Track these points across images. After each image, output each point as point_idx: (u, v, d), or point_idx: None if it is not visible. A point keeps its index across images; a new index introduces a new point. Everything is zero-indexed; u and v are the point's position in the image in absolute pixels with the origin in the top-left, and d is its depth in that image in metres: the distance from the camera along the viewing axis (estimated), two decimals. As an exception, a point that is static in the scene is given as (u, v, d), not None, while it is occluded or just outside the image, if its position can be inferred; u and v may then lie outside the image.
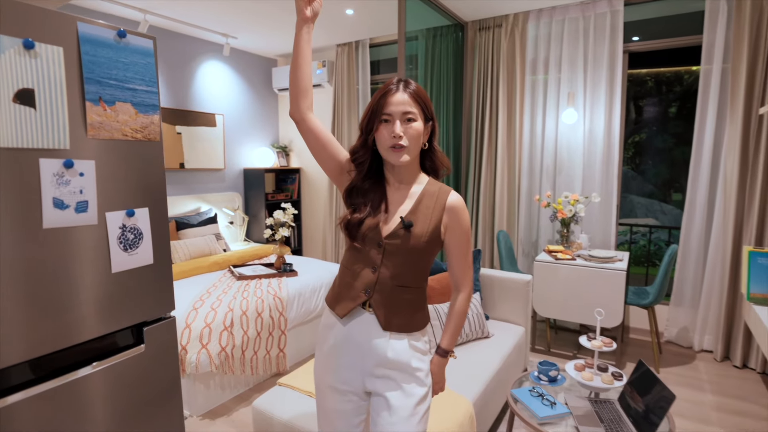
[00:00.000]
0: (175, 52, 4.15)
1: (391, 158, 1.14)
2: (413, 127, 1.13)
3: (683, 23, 3.40)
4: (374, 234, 1.17)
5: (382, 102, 1.14)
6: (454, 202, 1.20)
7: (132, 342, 0.99)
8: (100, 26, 0.86)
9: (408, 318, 1.18)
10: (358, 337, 1.18)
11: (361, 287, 1.17)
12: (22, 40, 0.74)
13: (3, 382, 0.81)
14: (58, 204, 0.82)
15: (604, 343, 1.91)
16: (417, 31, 3.89)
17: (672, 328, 3.40)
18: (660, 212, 5.51)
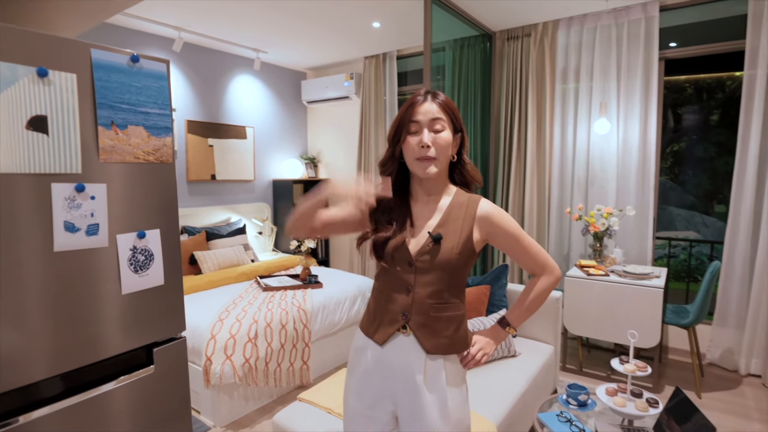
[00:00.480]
0: (208, 67, 4.28)
1: (418, 170, 1.12)
2: (441, 136, 1.10)
3: (723, 28, 3.24)
4: (403, 253, 1.13)
5: (410, 112, 1.12)
6: (486, 211, 1.16)
7: (142, 362, 1.00)
8: (114, 52, 0.88)
9: (450, 337, 1.13)
10: (394, 361, 1.14)
11: (398, 311, 1.13)
12: (36, 69, 0.77)
13: (16, 400, 0.83)
14: (69, 227, 0.84)
15: (637, 367, 1.81)
16: (444, 42, 3.87)
17: (715, 349, 3.20)
18: (702, 225, 5.23)
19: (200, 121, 4.21)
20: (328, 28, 3.77)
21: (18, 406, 0.84)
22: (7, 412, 0.83)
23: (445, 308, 1.13)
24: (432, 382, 1.11)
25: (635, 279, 2.84)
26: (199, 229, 3.91)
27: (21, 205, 0.82)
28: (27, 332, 0.86)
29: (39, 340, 0.87)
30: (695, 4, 3.21)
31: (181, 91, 4.07)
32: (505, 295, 2.64)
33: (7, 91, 0.73)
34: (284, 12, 3.37)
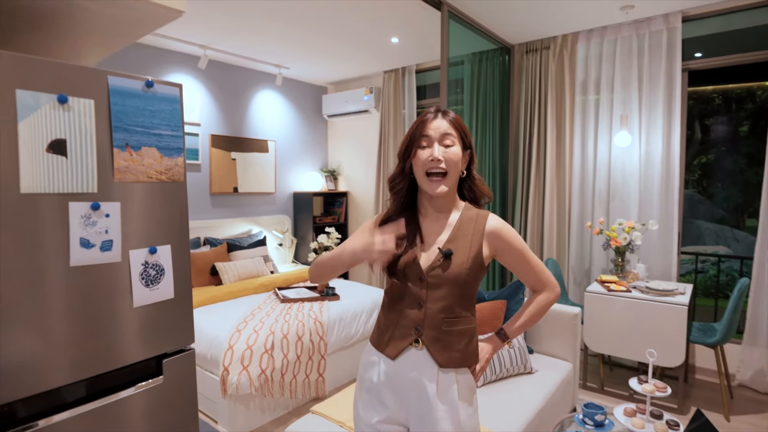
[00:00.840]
0: (232, 83, 4.41)
1: (428, 188, 1.13)
2: (452, 151, 1.13)
3: (750, 37, 3.16)
4: (414, 269, 1.15)
5: (421, 128, 1.15)
6: (494, 227, 1.18)
7: (152, 373, 1.04)
8: (129, 78, 0.94)
9: (462, 351, 1.15)
10: (406, 375, 1.15)
11: (410, 325, 1.15)
12: (57, 96, 0.82)
13: (34, 406, 0.88)
14: (84, 243, 0.89)
15: (657, 388, 1.75)
16: (463, 55, 3.89)
17: (745, 370, 3.06)
18: (732, 239, 5.04)
19: (224, 135, 4.33)
20: (348, 44, 3.85)
21: (36, 412, 0.89)
22: (25, 417, 0.88)
23: (456, 322, 1.15)
24: (444, 394, 1.12)
25: (658, 295, 2.76)
26: (220, 241, 4.00)
27: (42, 223, 0.88)
28: (46, 341, 0.91)
29: (56, 348, 0.92)
30: (719, 14, 3.15)
31: (205, 106, 4.20)
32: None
33: (30, 117, 0.79)
34: (305, 29, 3.46)
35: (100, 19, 1.05)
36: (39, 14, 1.01)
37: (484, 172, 3.83)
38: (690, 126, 4.59)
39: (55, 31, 1.12)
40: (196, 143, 4.11)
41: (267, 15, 3.17)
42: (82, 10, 1.01)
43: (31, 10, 1.00)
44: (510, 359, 2.26)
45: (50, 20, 1.05)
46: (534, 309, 1.22)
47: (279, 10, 3.08)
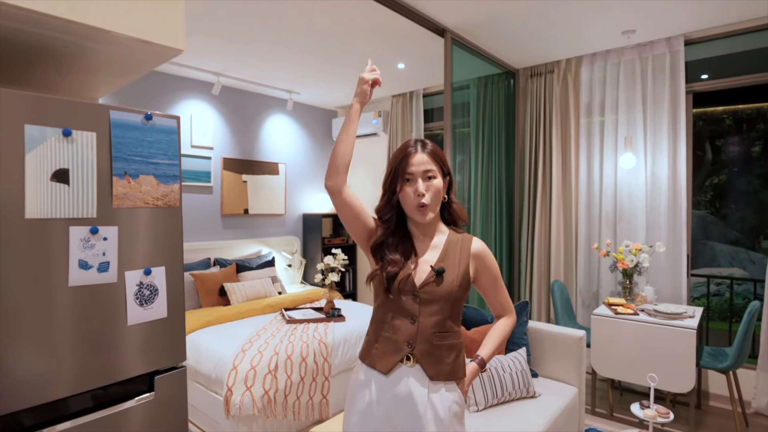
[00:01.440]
0: (244, 108, 4.55)
1: (417, 217, 1.23)
2: (434, 184, 1.22)
3: (756, 59, 3.18)
4: (408, 285, 1.21)
5: (403, 163, 1.23)
6: (478, 249, 1.28)
7: (144, 389, 1.09)
8: (130, 112, 1.01)
9: (451, 364, 1.21)
10: (398, 389, 1.19)
11: (402, 340, 1.20)
12: (62, 130, 0.90)
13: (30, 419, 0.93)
14: (82, 265, 0.95)
15: (659, 413, 1.73)
16: (468, 79, 3.97)
17: (762, 397, 2.97)
18: (748, 261, 4.94)
19: (235, 158, 4.45)
20: (356, 69, 3.96)
21: (36, 423, 0.95)
22: (28, 427, 0.94)
23: (447, 337, 1.22)
24: (434, 407, 1.17)
25: (666, 319, 2.72)
26: (230, 262, 4.06)
27: (44, 246, 0.95)
28: (47, 356, 0.97)
29: (56, 363, 0.98)
30: (722, 37, 3.18)
31: (218, 130, 4.34)
32: (525, 332, 2.59)
33: (36, 149, 0.87)
34: (315, 55, 3.58)
35: (107, 57, 1.14)
36: (52, 52, 1.10)
37: (491, 194, 3.85)
38: (701, 147, 4.57)
39: (67, 66, 1.21)
40: (209, 166, 4.23)
41: (278, 43, 3.30)
42: (90, 50, 1.10)
43: (45, 48, 1.09)
44: (512, 383, 2.24)
45: (62, 58, 1.14)
46: (502, 334, 1.31)
47: (289, 37, 3.21)
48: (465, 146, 4.05)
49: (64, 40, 1.04)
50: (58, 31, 0.99)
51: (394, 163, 1.25)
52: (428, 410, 1.16)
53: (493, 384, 2.20)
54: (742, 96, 4.23)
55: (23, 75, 1.24)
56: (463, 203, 4.05)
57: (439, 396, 1.18)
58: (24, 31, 0.99)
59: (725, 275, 4.71)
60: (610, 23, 3.01)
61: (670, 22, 3.01)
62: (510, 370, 2.27)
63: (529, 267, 3.91)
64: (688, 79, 3.30)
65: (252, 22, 2.94)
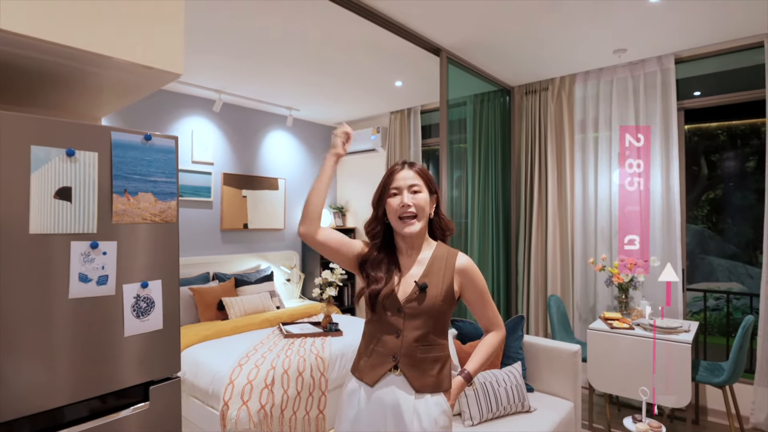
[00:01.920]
0: (244, 125, 4.63)
1: (401, 229, 1.27)
2: (419, 196, 1.28)
3: (747, 77, 3.25)
4: (392, 301, 1.25)
5: (390, 179, 1.30)
6: (463, 264, 1.31)
7: (140, 399, 1.12)
8: (130, 133, 1.06)
9: (436, 377, 1.24)
10: (385, 399, 1.22)
11: (388, 353, 1.24)
12: (66, 150, 0.95)
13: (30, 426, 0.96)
14: (82, 278, 0.99)
15: (651, 427, 1.74)
16: (465, 96, 4.05)
17: (759, 412, 2.97)
18: (746, 276, 4.95)
19: (236, 173, 4.51)
20: (356, 86, 4.04)
21: (37, 429, 0.99)
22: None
23: (430, 350, 1.25)
24: (419, 417, 1.20)
25: (661, 333, 2.73)
26: (229, 276, 4.09)
27: (46, 259, 1.00)
28: (47, 365, 1.02)
29: (55, 372, 1.03)
30: (711, 55, 3.25)
31: (219, 146, 4.41)
32: (521, 347, 2.60)
33: (41, 169, 0.92)
34: (314, 73, 3.66)
35: (108, 80, 1.20)
36: (56, 76, 1.16)
37: (488, 209, 3.90)
38: (696, 162, 4.63)
39: (70, 89, 1.27)
40: (209, 181, 4.29)
41: (278, 61, 3.38)
42: (93, 74, 1.16)
43: (49, 72, 1.15)
44: (507, 397, 2.25)
45: (66, 81, 1.20)
46: (489, 349, 1.33)
47: (289, 56, 3.29)
48: (462, 162, 4.10)
49: (67, 65, 1.10)
50: (61, 57, 1.05)
51: (382, 180, 1.32)
52: (414, 421, 1.19)
53: (488, 398, 2.21)
54: (736, 112, 4.30)
55: (29, 96, 1.30)
56: (461, 218, 4.09)
57: (425, 406, 1.21)
58: (29, 57, 1.05)
59: (723, 290, 4.72)
60: (602, 42, 3.09)
61: (659, 41, 3.09)
62: (505, 384, 2.28)
63: (526, 281, 3.93)
64: (679, 96, 3.37)
65: (253, 41, 3.03)
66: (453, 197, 4.06)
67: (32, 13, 0.95)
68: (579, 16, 2.69)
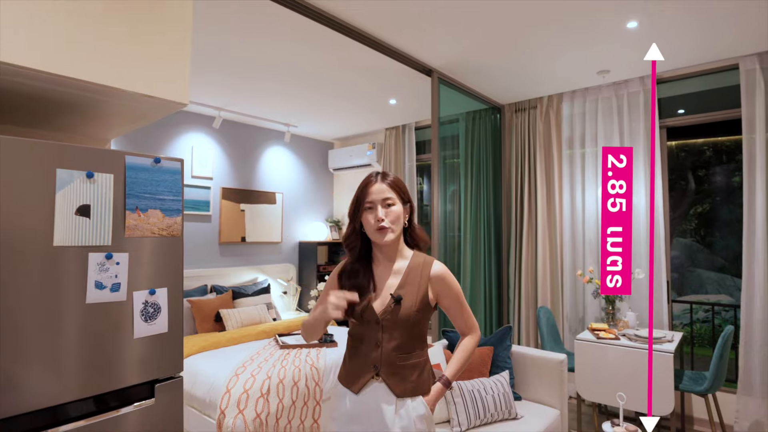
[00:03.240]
0: (243, 141, 4.76)
1: (378, 239, 1.33)
2: (393, 210, 1.33)
3: (722, 96, 3.40)
4: (370, 314, 1.32)
5: (364, 192, 1.35)
6: (438, 272, 1.37)
7: (146, 396, 1.24)
8: (142, 156, 1.19)
9: (416, 382, 1.32)
10: (369, 405, 1.31)
11: (369, 363, 1.32)
12: (86, 173, 1.07)
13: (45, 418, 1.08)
14: (98, 285, 1.10)
15: (628, 431, 1.83)
16: (457, 114, 4.19)
17: (743, 420, 3.05)
18: (734, 288, 5.05)
19: (234, 188, 4.62)
20: (352, 104, 4.18)
21: (48, 422, 1.10)
22: (39, 426, 1.08)
23: (408, 357, 1.32)
24: (401, 419, 1.28)
25: (646, 343, 2.82)
26: (226, 288, 4.18)
27: (67, 268, 1.12)
28: (64, 363, 1.13)
29: (71, 369, 1.14)
30: (691, 76, 3.41)
31: (218, 161, 4.53)
32: (509, 356, 2.69)
33: (65, 189, 1.04)
34: (312, 91, 3.80)
35: (118, 108, 1.33)
36: (72, 104, 1.29)
37: (480, 223, 4.01)
38: (684, 177, 4.76)
39: (84, 115, 1.40)
40: (208, 195, 4.40)
41: (277, 79, 3.52)
42: (103, 102, 1.29)
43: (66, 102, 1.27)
44: (494, 404, 2.33)
45: (81, 108, 1.32)
46: (466, 353, 1.40)
47: (288, 75, 3.43)
48: (456, 176, 4.23)
49: (80, 95, 1.22)
50: (74, 88, 1.18)
51: (357, 193, 1.37)
52: (396, 423, 1.28)
53: (476, 405, 2.29)
54: (721, 129, 4.46)
55: (45, 120, 1.42)
56: (454, 231, 4.20)
57: (405, 410, 1.29)
58: (45, 88, 1.17)
59: (710, 302, 4.82)
60: (585, 64, 3.24)
61: (640, 63, 3.24)
62: (493, 392, 2.37)
63: (517, 293, 4.03)
64: (662, 114, 3.52)
65: (252, 61, 3.17)
66: (446, 211, 4.18)
67: (47, 49, 1.07)
68: (562, 39, 2.84)
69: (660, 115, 3.52)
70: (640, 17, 2.56)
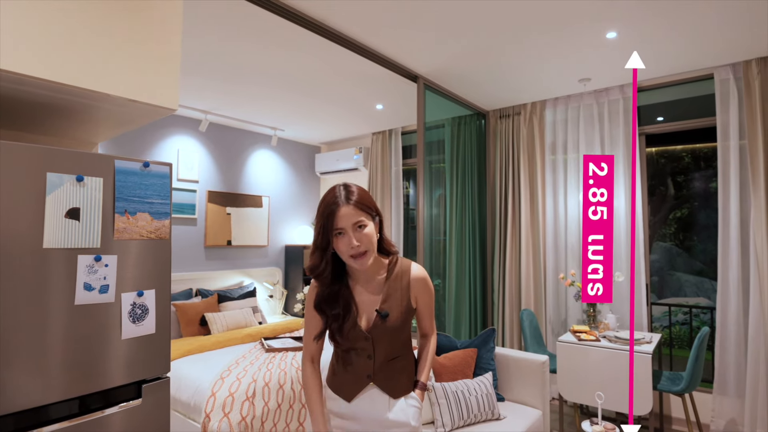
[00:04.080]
0: (230, 144, 4.75)
1: (356, 265, 1.25)
2: (365, 233, 1.23)
3: (698, 105, 3.52)
4: (357, 332, 1.32)
5: (331, 219, 1.23)
6: (417, 275, 1.38)
7: (133, 396, 1.25)
8: (130, 161, 1.20)
9: (405, 382, 1.38)
10: (364, 408, 1.34)
11: (363, 373, 1.34)
12: (76, 176, 1.08)
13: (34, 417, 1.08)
14: (87, 287, 1.11)
15: (606, 429, 1.88)
16: (443, 119, 4.25)
17: (719, 419, 3.14)
18: (712, 291, 5.19)
19: (220, 191, 4.61)
20: (339, 108, 4.21)
21: (34, 422, 1.11)
22: (25, 426, 1.09)
23: (398, 360, 1.38)
24: (396, 415, 1.34)
25: (625, 344, 2.90)
26: (212, 292, 4.16)
27: (57, 270, 1.14)
28: (52, 363, 1.14)
29: (59, 369, 1.15)
30: (668, 85, 3.52)
31: (204, 165, 4.52)
32: (492, 358, 2.74)
33: (55, 192, 1.05)
34: (299, 95, 3.82)
35: (109, 113, 1.34)
36: (61, 108, 1.29)
37: (465, 227, 4.07)
38: (663, 183, 4.89)
39: (73, 119, 1.40)
40: (194, 199, 4.38)
41: (263, 83, 3.54)
42: (92, 107, 1.31)
43: (55, 106, 1.28)
44: (478, 405, 2.37)
45: (69, 113, 1.33)
46: (432, 354, 1.47)
47: (275, 79, 3.45)
48: (441, 181, 4.29)
49: (69, 99, 1.24)
50: (64, 93, 1.20)
51: (322, 219, 1.25)
52: (392, 416, 1.33)
53: (460, 406, 2.33)
54: (699, 136, 4.60)
55: (33, 124, 1.42)
56: (440, 236, 4.25)
57: (398, 404, 1.35)
58: (34, 93, 1.18)
59: (689, 304, 4.94)
60: (567, 72, 3.33)
61: (620, 72, 3.34)
62: (476, 393, 2.41)
63: (501, 296, 4.09)
64: (641, 122, 3.62)
65: (238, 65, 3.18)
66: (432, 215, 4.23)
67: (37, 55, 1.08)
68: (543, 49, 2.92)
69: (639, 122, 3.63)
70: (619, 28, 2.65)
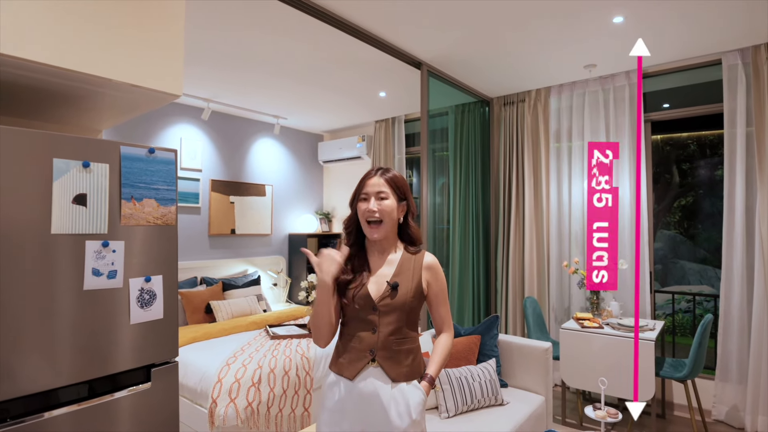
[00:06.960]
0: (233, 133, 4.74)
1: (367, 232, 1.39)
2: (385, 203, 1.37)
3: (705, 91, 3.48)
4: (367, 300, 1.36)
5: (362, 184, 1.42)
6: (430, 262, 1.43)
7: (142, 380, 1.27)
8: (136, 147, 1.20)
9: (409, 366, 1.37)
10: (364, 389, 1.34)
11: (365, 349, 1.36)
12: (82, 162, 1.09)
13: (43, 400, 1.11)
14: (95, 272, 1.12)
15: (609, 414, 1.90)
16: (447, 107, 4.22)
17: (721, 406, 3.16)
18: (716, 279, 5.18)
19: (223, 180, 4.61)
20: (342, 96, 4.19)
21: (44, 405, 1.13)
22: (35, 409, 1.11)
23: (404, 342, 1.38)
24: (397, 402, 1.33)
25: (628, 331, 2.91)
26: (216, 280, 4.18)
27: (65, 256, 1.15)
28: (61, 347, 1.15)
29: (68, 353, 1.16)
30: (675, 71, 3.47)
31: (207, 153, 4.51)
32: (496, 345, 2.75)
33: (62, 178, 1.05)
34: (301, 83, 3.80)
35: (113, 99, 1.34)
36: (65, 95, 1.29)
37: (469, 214, 4.06)
38: (668, 170, 4.86)
39: (77, 106, 1.40)
40: (197, 188, 4.38)
41: (266, 72, 3.52)
42: (97, 93, 1.30)
43: (59, 92, 1.28)
44: (481, 391, 2.39)
45: (74, 99, 1.33)
46: (445, 351, 1.44)
47: (277, 67, 3.42)
48: (444, 169, 4.28)
49: (73, 85, 1.24)
50: (68, 79, 1.20)
51: (358, 185, 1.44)
52: (392, 404, 1.32)
53: (463, 392, 2.35)
54: (705, 123, 4.56)
55: (38, 111, 1.42)
56: (443, 224, 4.25)
57: (401, 393, 1.34)
58: (39, 79, 1.18)
59: (693, 292, 4.94)
60: (572, 58, 3.29)
61: (626, 58, 3.30)
62: (480, 379, 2.43)
63: (504, 284, 4.10)
64: (647, 108, 3.59)
65: (241, 53, 3.16)
66: (435, 203, 4.22)
67: (44, 41, 1.08)
68: (549, 34, 2.88)
69: (645, 109, 3.59)
70: (626, 13, 2.61)
